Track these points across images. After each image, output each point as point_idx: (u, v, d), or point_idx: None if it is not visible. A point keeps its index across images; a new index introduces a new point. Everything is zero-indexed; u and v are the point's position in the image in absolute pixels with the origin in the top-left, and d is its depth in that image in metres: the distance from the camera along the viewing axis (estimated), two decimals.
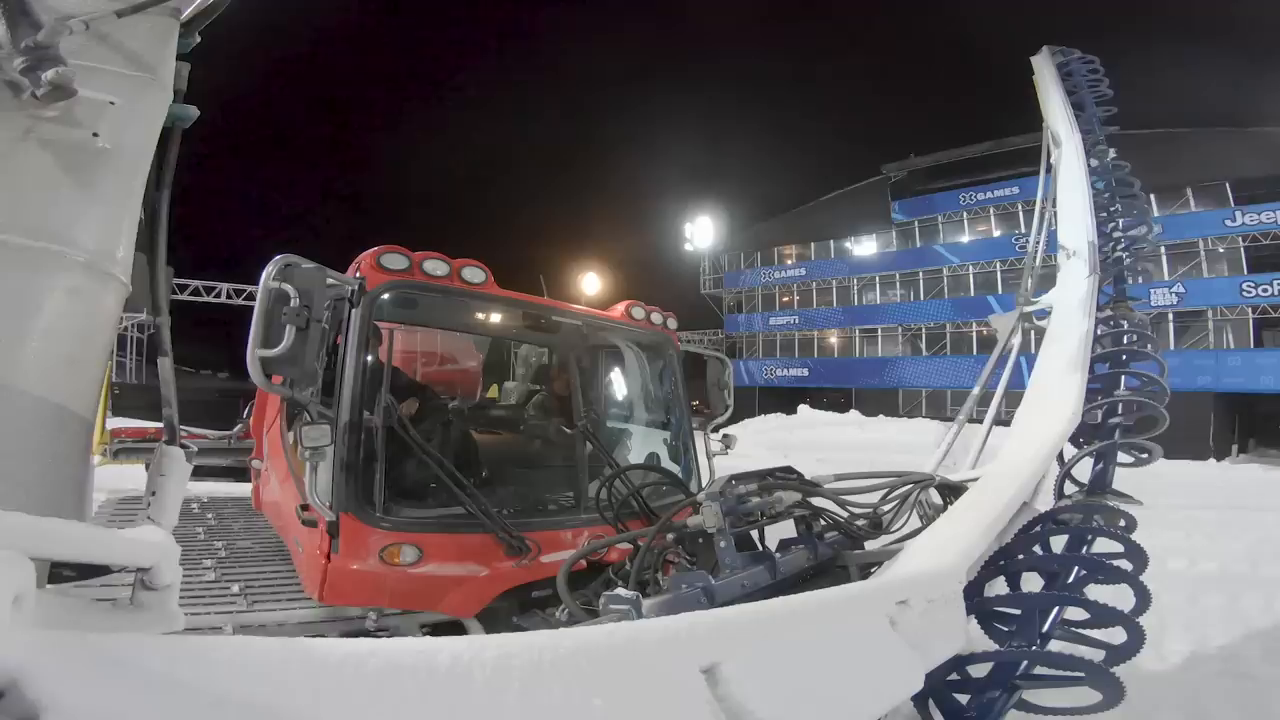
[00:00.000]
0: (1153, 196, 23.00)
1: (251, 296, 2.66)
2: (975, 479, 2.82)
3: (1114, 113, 5.65)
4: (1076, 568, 2.36)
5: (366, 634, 2.90)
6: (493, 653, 0.95)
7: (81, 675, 0.64)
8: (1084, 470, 3.11)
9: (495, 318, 3.80)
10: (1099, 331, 3.58)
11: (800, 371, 33.93)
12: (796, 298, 35.81)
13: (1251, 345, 23.77)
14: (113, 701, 0.63)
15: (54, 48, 1.39)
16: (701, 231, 36.24)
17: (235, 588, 3.21)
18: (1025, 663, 2.03)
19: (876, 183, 34.01)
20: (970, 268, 30.88)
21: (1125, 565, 2.25)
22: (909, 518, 2.70)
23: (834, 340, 34.20)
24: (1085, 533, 2.48)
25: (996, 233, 30.52)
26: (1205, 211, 25.10)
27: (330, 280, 2.49)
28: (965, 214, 31.55)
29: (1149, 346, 3.55)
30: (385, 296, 2.89)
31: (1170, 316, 24.60)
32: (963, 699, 2.02)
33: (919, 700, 1.99)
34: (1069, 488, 3.09)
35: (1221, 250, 24.84)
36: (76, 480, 1.42)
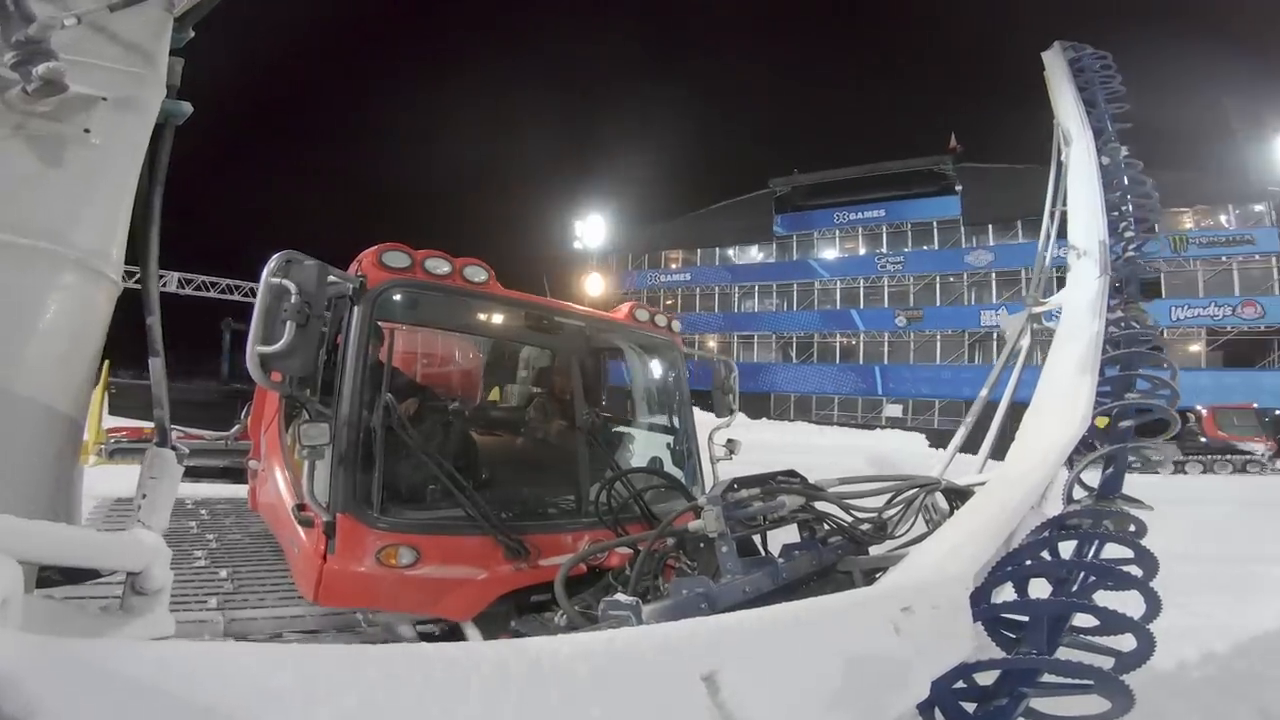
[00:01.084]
0: (990, 227, 31.16)
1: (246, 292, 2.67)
2: (982, 483, 2.81)
3: (1126, 109, 5.63)
4: (1085, 573, 2.35)
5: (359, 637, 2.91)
6: (490, 660, 0.95)
7: (68, 682, 0.64)
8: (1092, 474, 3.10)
9: (497, 318, 3.79)
10: (1109, 333, 3.57)
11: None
12: (680, 301, 37.60)
13: None
14: (99, 710, 0.63)
15: (46, 42, 1.39)
16: (592, 230, 36.36)
17: (223, 572, 3.24)
18: (1033, 670, 2.03)
19: (762, 196, 36.71)
20: (838, 282, 34.62)
21: (1135, 571, 2.25)
22: (914, 522, 2.69)
23: (713, 344, 35.67)
24: (1094, 538, 2.47)
25: (862, 251, 34.55)
26: (1030, 242, 26.55)
27: (332, 278, 2.50)
28: (837, 232, 35.36)
29: (1160, 349, 3.54)
30: (386, 295, 2.90)
31: (995, 336, 28.39)
32: (969, 707, 2.02)
33: (924, 708, 1.98)
34: (1078, 492, 3.08)
35: (1027, 277, 27.44)
36: (66, 482, 1.42)
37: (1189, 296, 26.82)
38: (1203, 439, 21.69)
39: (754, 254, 37.46)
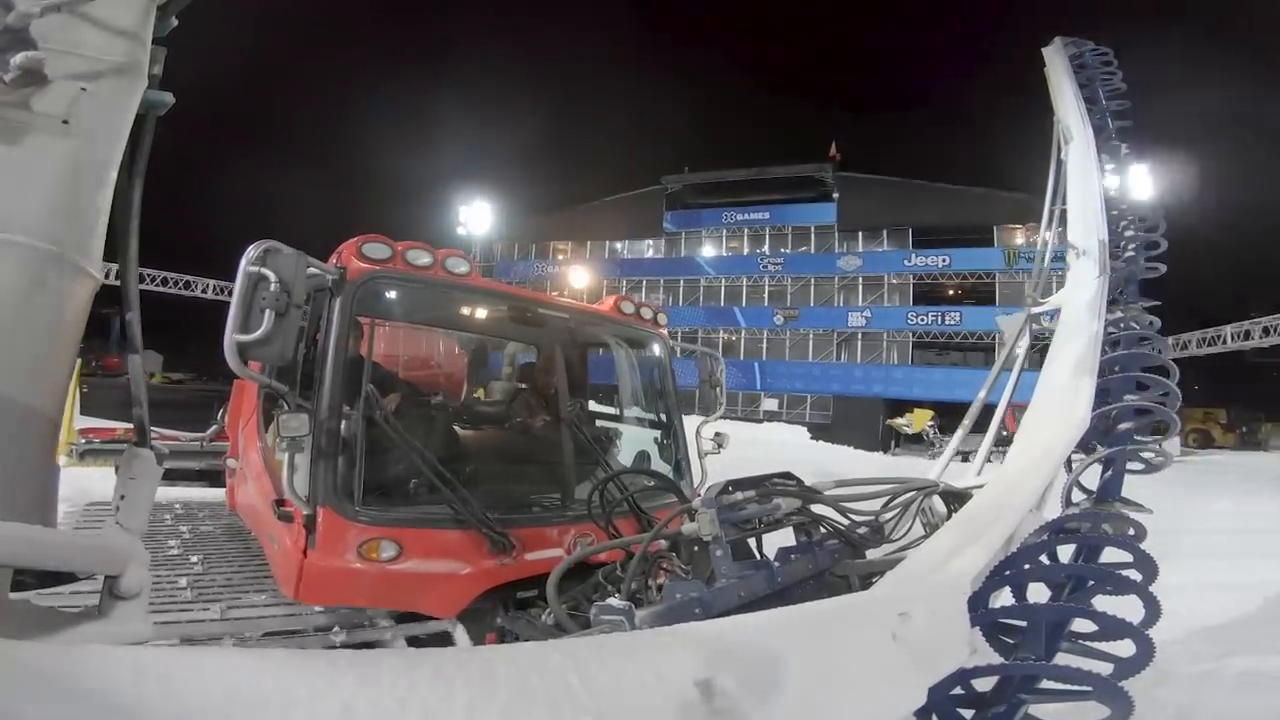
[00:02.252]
0: (860, 234, 34.73)
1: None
2: (980, 486, 2.82)
3: (1127, 106, 5.66)
4: (1084, 578, 2.36)
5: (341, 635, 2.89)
6: (477, 665, 0.94)
7: (41, 688, 0.63)
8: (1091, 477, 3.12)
9: (480, 311, 3.79)
10: (1109, 334, 3.59)
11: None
12: (566, 293, 38.98)
13: (910, 363, 33.29)
14: (73, 716, 0.62)
15: (24, 31, 1.38)
16: (477, 216, 36.51)
17: (185, 582, 3.23)
18: (1031, 676, 2.03)
19: (654, 192, 38.51)
20: (722, 280, 36.77)
21: (1135, 575, 2.26)
22: (912, 526, 2.70)
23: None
24: (1094, 542, 2.48)
25: (746, 251, 37.08)
26: (892, 250, 34.20)
27: (311, 269, 2.50)
28: (724, 231, 37.72)
29: (1161, 350, 3.56)
30: (367, 286, 2.89)
31: (860, 336, 33.74)
32: (967, 714, 2.02)
33: (922, 715, 1.99)
34: (1076, 495, 3.10)
35: (896, 283, 33.91)
36: (41, 483, 1.41)
37: (1018, 305, 27.44)
38: (1006, 432, 23.47)
39: (643, 249, 39.16)
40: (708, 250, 38.07)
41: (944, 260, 33.06)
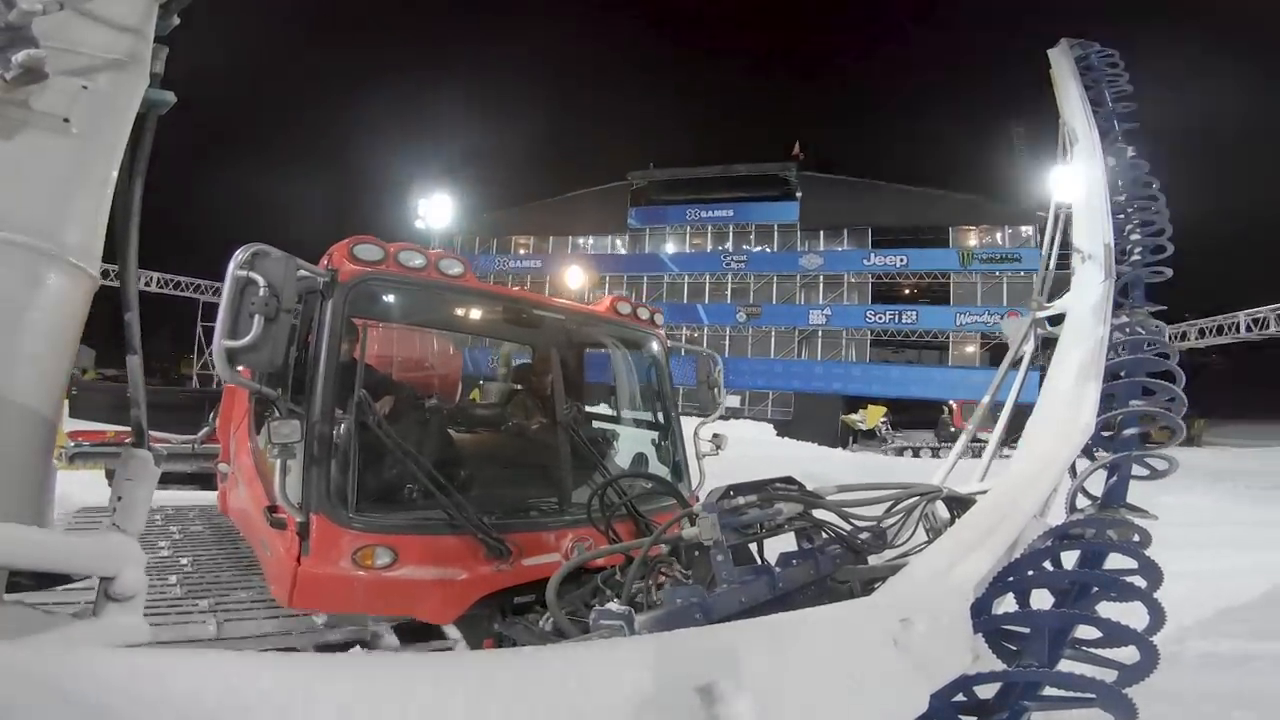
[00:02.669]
0: (822, 233, 36.04)
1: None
2: (984, 492, 2.82)
3: (1133, 109, 5.66)
4: (1088, 584, 2.36)
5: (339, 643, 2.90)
6: (476, 668, 0.95)
7: (36, 690, 0.63)
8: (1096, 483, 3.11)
9: (475, 312, 3.79)
10: (1114, 338, 3.59)
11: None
12: (529, 289, 39.66)
13: (868, 360, 34.58)
14: (69, 718, 0.63)
15: (26, 28, 1.38)
16: (437, 210, 36.40)
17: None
18: (1034, 683, 2.03)
19: (619, 188, 39.15)
20: (686, 277, 37.62)
21: (1139, 582, 2.25)
22: (914, 531, 2.70)
23: None
24: (1098, 548, 2.48)
25: (710, 248, 37.96)
26: (852, 250, 35.46)
27: (301, 271, 2.49)
28: (688, 228, 38.58)
29: (1167, 355, 3.55)
30: (359, 288, 2.89)
31: (820, 333, 34.99)
32: None
33: None
34: (1081, 501, 3.09)
35: (855, 282, 35.22)
36: (38, 484, 1.41)
37: (970, 305, 33.19)
38: (953, 429, 27.15)
39: (607, 245, 39.70)
40: (672, 247, 38.85)
41: (901, 260, 34.44)
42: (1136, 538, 2.55)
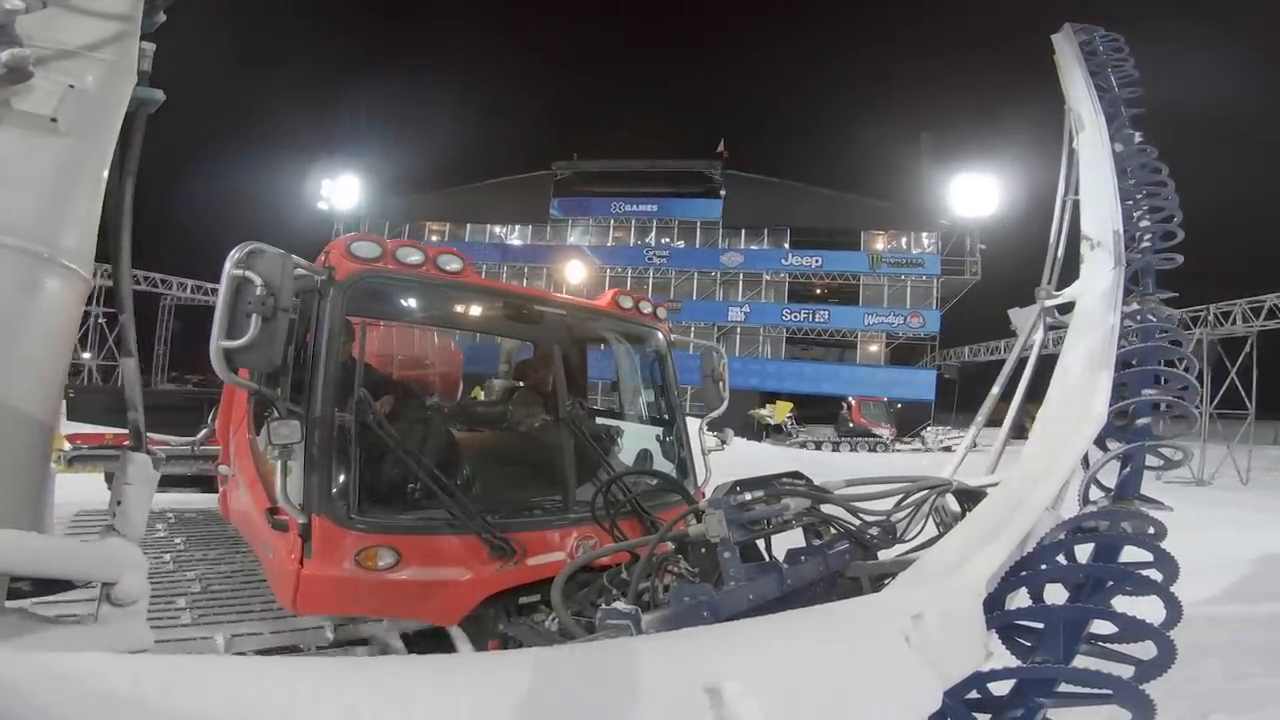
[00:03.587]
0: (743, 231, 37.90)
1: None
2: (995, 484, 2.81)
3: (1139, 94, 5.64)
4: (1103, 578, 2.36)
5: (341, 644, 2.90)
6: (481, 670, 0.94)
7: (37, 697, 0.63)
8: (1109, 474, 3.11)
9: (475, 309, 3.79)
10: (1125, 326, 3.58)
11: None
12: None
13: (783, 357, 36.70)
14: None
15: (9, 28, 1.38)
16: (343, 191, 36.04)
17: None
18: (1049, 679, 2.03)
19: (543, 177, 39.61)
20: (608, 270, 37.94)
21: (1155, 575, 2.25)
22: (924, 526, 2.69)
23: None
24: (1113, 541, 2.47)
25: (632, 242, 38.96)
26: (772, 249, 37.54)
27: (299, 270, 2.49)
28: (612, 221, 39.42)
29: (1179, 343, 3.54)
30: (357, 286, 2.89)
31: (738, 330, 36.61)
32: (983, 719, 2.02)
33: None
34: (1094, 493, 3.09)
35: (773, 281, 37.30)
36: (36, 489, 1.41)
37: (877, 306, 36.01)
38: (851, 424, 29.95)
39: (527, 234, 40.02)
40: (593, 239, 39.47)
41: (817, 261, 36.76)
42: (1151, 530, 2.55)
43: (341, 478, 2.74)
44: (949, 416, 35.59)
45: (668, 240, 38.84)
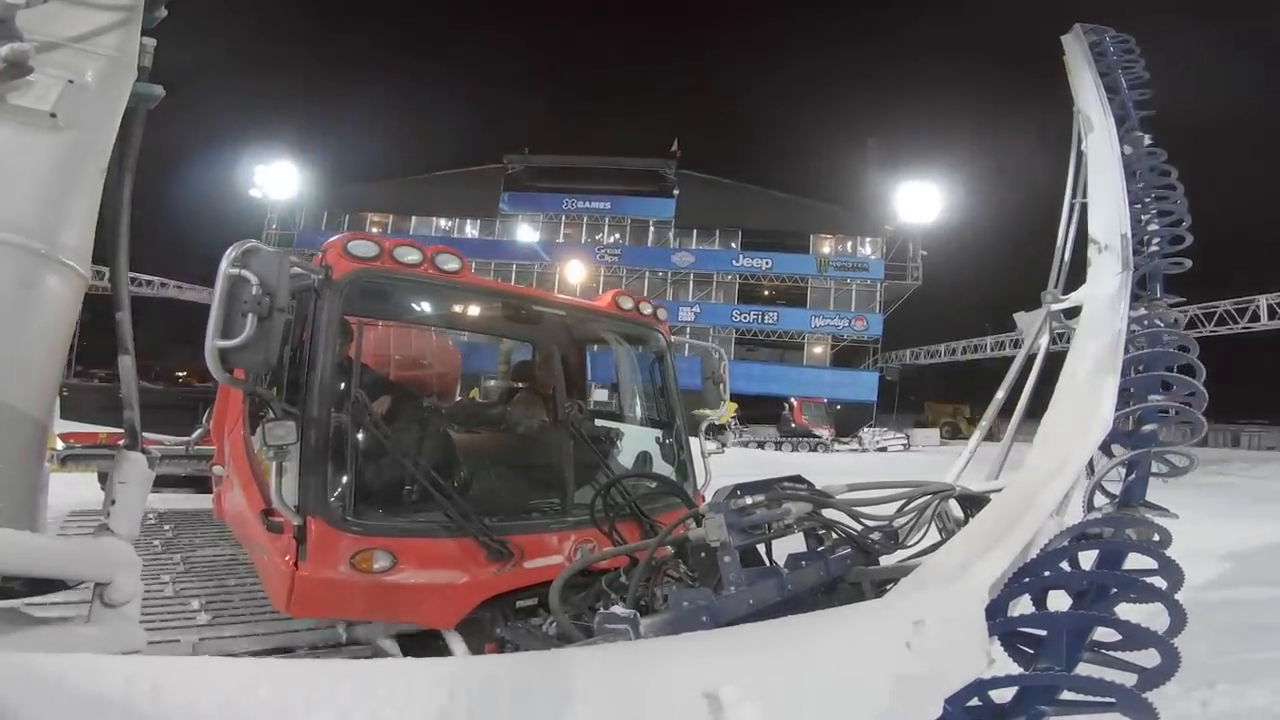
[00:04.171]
0: (695, 232, 38.64)
1: None
2: (998, 490, 2.81)
3: (1149, 96, 5.63)
4: (1107, 585, 2.35)
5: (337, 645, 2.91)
6: (478, 675, 0.94)
7: (29, 698, 0.63)
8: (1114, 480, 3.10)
9: (473, 309, 3.80)
10: (1132, 331, 3.57)
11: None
12: None
13: (732, 358, 33.57)
14: None
15: (9, 22, 1.38)
16: (279, 178, 35.01)
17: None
18: (1052, 687, 2.02)
19: (493, 170, 39.28)
20: (557, 267, 37.07)
21: (1159, 582, 2.25)
22: (927, 531, 2.69)
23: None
24: (1117, 548, 2.47)
25: (583, 239, 38.92)
26: (723, 250, 38.27)
27: (295, 269, 2.49)
28: (563, 217, 39.53)
29: (1187, 349, 3.53)
30: (355, 285, 2.89)
31: (688, 330, 35.59)
32: None
33: None
34: (1099, 499, 3.08)
35: (724, 281, 37.99)
36: (29, 488, 1.41)
37: (824, 309, 37.38)
38: (793, 424, 30.44)
39: (476, 229, 39.64)
40: (544, 235, 39.40)
41: (767, 263, 37.60)
42: (1156, 537, 2.54)
43: (337, 479, 2.74)
44: (889, 418, 37.29)
45: (619, 238, 39.17)
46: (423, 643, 2.94)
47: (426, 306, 3.61)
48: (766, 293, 38.73)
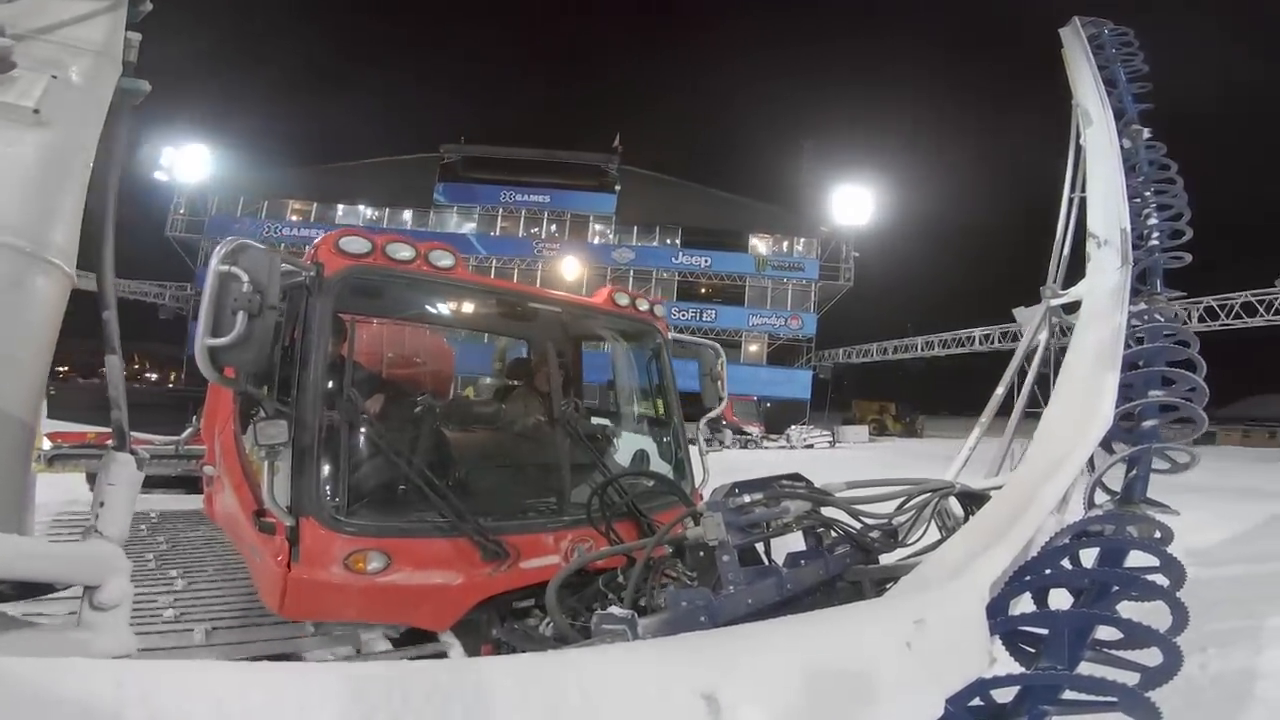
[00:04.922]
0: (635, 228, 38.19)
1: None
2: (998, 487, 2.82)
3: (1148, 89, 5.65)
4: (1109, 583, 2.36)
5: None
6: (474, 677, 0.94)
7: (17, 703, 0.63)
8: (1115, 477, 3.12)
9: (467, 306, 3.79)
10: (1133, 327, 3.58)
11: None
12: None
13: (671, 355, 35.44)
14: None
15: None
16: (188, 162, 33.41)
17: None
18: (1053, 686, 2.03)
19: (428, 159, 38.31)
20: (494, 260, 36.82)
21: (1161, 580, 2.25)
22: (927, 529, 2.70)
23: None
24: (1118, 545, 2.48)
25: (521, 233, 38.12)
26: (663, 247, 38.05)
27: (286, 266, 2.48)
28: (500, 210, 38.41)
29: (1187, 344, 3.55)
30: (346, 282, 2.88)
31: None
32: None
33: None
34: (1099, 496, 3.10)
35: (663, 279, 37.39)
36: (15, 490, 1.40)
37: (760, 308, 37.49)
38: (724, 422, 28.02)
39: (406, 218, 38.27)
40: (479, 228, 38.35)
41: (706, 261, 37.48)
42: (1158, 534, 2.55)
43: (330, 479, 2.73)
44: (821, 415, 38.00)
45: (559, 233, 38.39)
46: (417, 645, 2.93)
47: (419, 303, 3.60)
48: (704, 290, 38.80)
